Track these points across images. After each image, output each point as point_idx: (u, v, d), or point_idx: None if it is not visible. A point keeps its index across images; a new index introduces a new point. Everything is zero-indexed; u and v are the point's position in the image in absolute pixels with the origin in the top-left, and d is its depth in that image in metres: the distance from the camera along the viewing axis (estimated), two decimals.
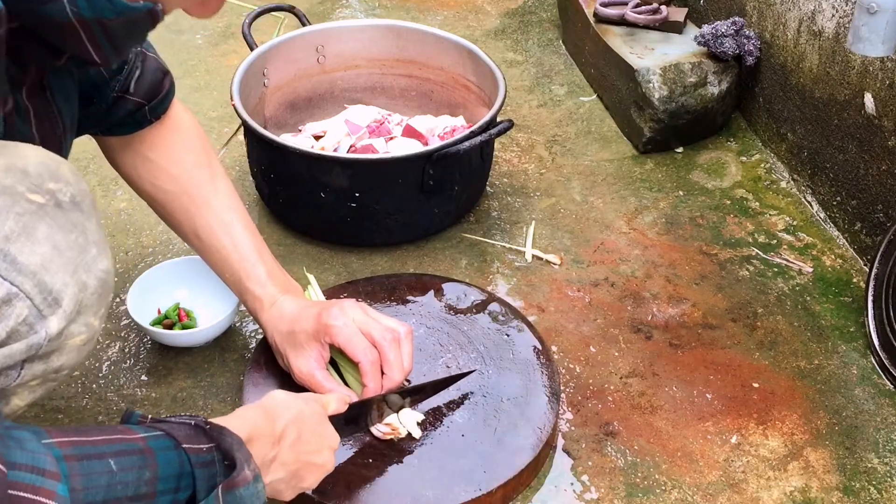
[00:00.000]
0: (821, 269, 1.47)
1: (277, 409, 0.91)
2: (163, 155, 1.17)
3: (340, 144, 1.57)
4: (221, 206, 1.18)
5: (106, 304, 0.84)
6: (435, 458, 1.09)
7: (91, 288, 0.80)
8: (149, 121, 1.14)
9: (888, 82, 1.35)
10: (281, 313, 1.14)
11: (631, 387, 1.26)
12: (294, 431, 0.90)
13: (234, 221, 1.18)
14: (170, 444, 0.75)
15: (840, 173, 1.51)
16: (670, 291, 1.42)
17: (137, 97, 1.10)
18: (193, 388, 1.24)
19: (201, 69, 1.98)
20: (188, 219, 1.18)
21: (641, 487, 1.13)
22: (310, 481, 0.93)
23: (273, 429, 0.88)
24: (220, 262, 1.18)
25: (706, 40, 1.68)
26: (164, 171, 1.17)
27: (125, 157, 1.18)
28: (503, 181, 1.66)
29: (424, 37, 1.68)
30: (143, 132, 1.16)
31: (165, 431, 0.76)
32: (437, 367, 1.20)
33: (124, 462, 0.71)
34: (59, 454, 0.67)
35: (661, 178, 1.68)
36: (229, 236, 1.17)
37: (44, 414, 1.19)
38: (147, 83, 1.11)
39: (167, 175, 1.17)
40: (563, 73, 2.00)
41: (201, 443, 0.77)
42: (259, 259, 1.17)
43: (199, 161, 1.19)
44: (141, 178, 1.19)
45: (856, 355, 1.32)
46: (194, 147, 1.20)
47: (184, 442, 0.76)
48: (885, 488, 1.14)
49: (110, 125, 1.13)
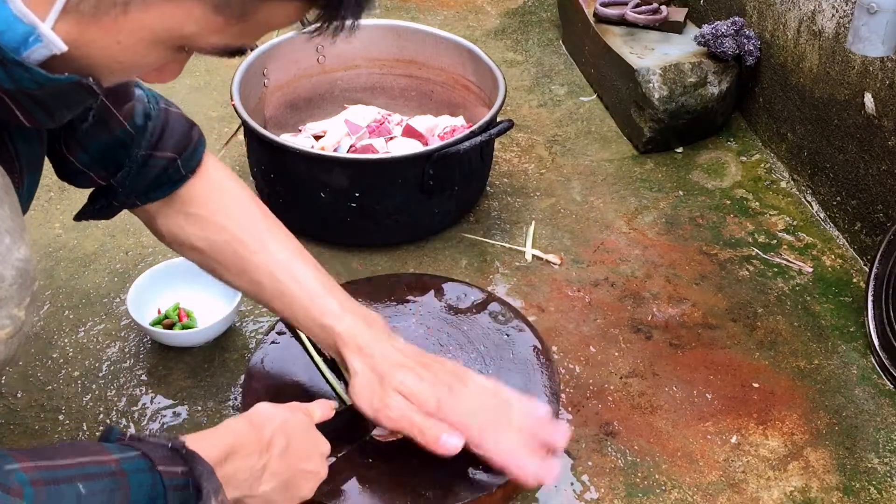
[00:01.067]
0: (821, 269, 1.47)
1: (263, 419, 0.90)
2: (206, 207, 1.10)
3: (340, 144, 1.57)
4: (277, 246, 1.10)
5: (31, 294, 0.80)
6: (435, 458, 1.09)
7: (8, 279, 0.77)
8: (184, 176, 1.07)
9: (888, 82, 1.35)
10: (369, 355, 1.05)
11: (631, 387, 1.26)
12: (282, 440, 0.89)
13: (293, 259, 1.09)
14: (145, 465, 0.74)
15: (840, 173, 1.51)
16: (670, 291, 1.42)
17: (167, 151, 1.05)
18: (193, 388, 1.24)
19: (201, 69, 1.98)
20: (243, 266, 1.09)
21: (641, 487, 1.13)
22: (306, 489, 0.93)
23: (260, 438, 0.88)
24: (287, 303, 1.08)
25: (706, 40, 1.68)
26: (211, 223, 1.09)
27: (169, 221, 1.11)
28: (503, 181, 1.66)
29: (424, 37, 1.68)
30: (182, 190, 1.08)
31: (142, 452, 0.75)
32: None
33: (94, 486, 0.70)
34: (25, 479, 0.66)
35: (661, 178, 1.68)
36: (290, 275, 1.08)
37: (44, 414, 1.20)
38: (175, 136, 1.06)
39: (214, 226, 1.09)
40: (563, 73, 2.00)
41: (176, 465, 0.76)
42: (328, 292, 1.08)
43: (247, 207, 1.12)
44: (189, 236, 1.10)
45: (856, 355, 1.32)
46: (239, 195, 1.13)
47: (159, 464, 0.75)
48: (885, 488, 1.14)
49: (146, 188, 1.06)
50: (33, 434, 1.17)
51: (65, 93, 0.75)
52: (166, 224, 1.11)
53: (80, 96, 0.77)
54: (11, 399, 1.22)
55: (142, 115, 1.03)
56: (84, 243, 1.49)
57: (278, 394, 1.16)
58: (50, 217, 1.54)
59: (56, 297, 1.38)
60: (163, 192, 1.08)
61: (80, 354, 1.29)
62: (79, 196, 1.57)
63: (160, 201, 1.09)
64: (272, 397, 1.14)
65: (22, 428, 1.18)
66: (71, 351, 1.29)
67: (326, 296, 1.07)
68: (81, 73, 0.73)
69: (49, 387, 1.24)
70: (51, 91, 0.73)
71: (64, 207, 1.56)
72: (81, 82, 0.73)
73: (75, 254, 1.46)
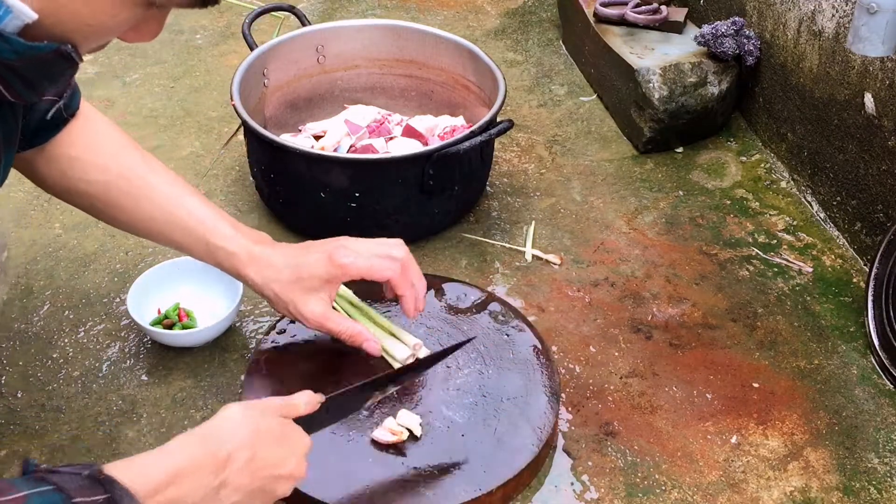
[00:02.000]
0: (821, 269, 1.47)
1: (221, 434, 0.88)
2: (86, 149, 1.12)
3: (340, 144, 1.57)
4: (162, 181, 1.15)
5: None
6: (435, 458, 1.09)
7: None
8: (65, 119, 1.09)
9: (888, 82, 1.35)
10: (271, 263, 1.14)
11: (631, 387, 1.26)
12: (245, 453, 0.88)
13: (181, 192, 1.15)
14: (58, 498, 0.72)
15: (840, 173, 1.51)
16: (670, 291, 1.42)
17: (49, 95, 1.04)
18: (193, 388, 1.24)
19: (201, 69, 1.98)
20: (132, 203, 1.14)
21: (641, 487, 1.13)
22: (280, 492, 0.92)
23: (214, 456, 0.85)
24: (180, 233, 1.15)
25: (706, 40, 1.68)
26: (92, 164, 1.12)
27: (51, 167, 1.12)
28: (503, 181, 1.66)
29: (424, 37, 1.68)
30: (61, 135, 1.10)
31: (56, 485, 0.73)
32: (438, 366, 1.20)
33: None
34: None
35: (661, 178, 1.68)
36: (182, 207, 1.14)
37: (44, 414, 1.20)
38: None
39: (96, 167, 1.13)
40: (563, 73, 2.00)
41: (96, 494, 0.74)
42: (219, 217, 1.15)
43: (124, 144, 1.15)
44: (71, 180, 1.13)
45: (856, 355, 1.32)
46: (114, 134, 1.16)
47: (76, 495, 0.73)
48: (885, 488, 1.14)
49: (31, 135, 1.07)
50: (33, 434, 1.17)
51: (45, 63, 0.75)
52: (48, 171, 1.13)
53: (59, 66, 0.77)
54: (11, 399, 1.22)
55: None
56: (84, 243, 1.49)
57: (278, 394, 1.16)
58: (50, 217, 1.54)
59: (56, 297, 1.38)
60: (44, 137, 1.09)
61: (80, 354, 1.29)
62: None
63: (39, 148, 1.10)
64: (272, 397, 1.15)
65: (22, 428, 1.18)
66: (71, 351, 1.29)
67: (218, 220, 1.15)
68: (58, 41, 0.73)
69: (49, 387, 1.24)
70: (30, 61, 0.74)
71: (64, 207, 1.56)
72: (60, 50, 0.74)
73: (75, 254, 1.46)
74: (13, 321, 1.34)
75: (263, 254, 1.14)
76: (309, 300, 1.14)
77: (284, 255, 1.15)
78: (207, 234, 1.14)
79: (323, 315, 1.14)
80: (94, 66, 1.97)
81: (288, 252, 1.15)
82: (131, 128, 1.78)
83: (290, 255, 1.15)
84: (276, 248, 1.16)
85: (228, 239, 1.14)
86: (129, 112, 1.83)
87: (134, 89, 1.90)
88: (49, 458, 1.14)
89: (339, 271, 1.13)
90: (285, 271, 1.14)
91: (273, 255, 1.14)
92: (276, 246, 1.17)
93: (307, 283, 1.13)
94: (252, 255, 1.14)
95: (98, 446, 1.16)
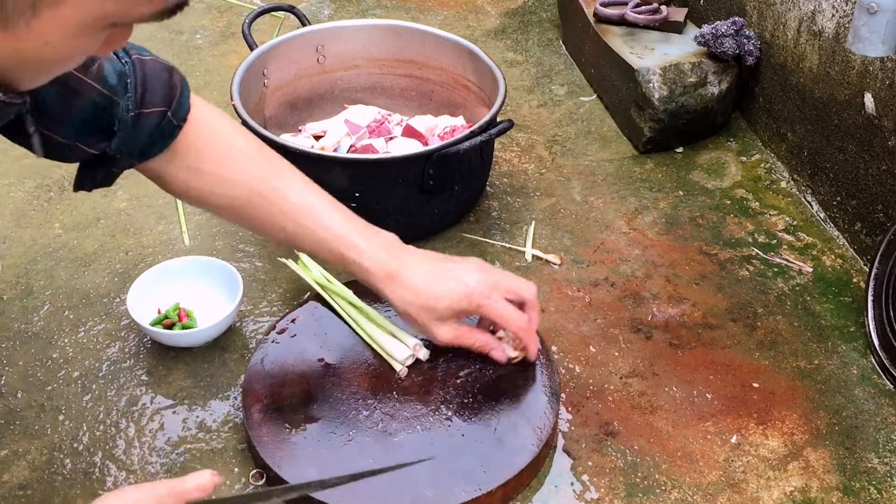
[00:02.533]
0: (821, 269, 1.47)
1: None
2: (211, 161, 1.11)
3: (340, 144, 1.57)
4: (292, 190, 1.15)
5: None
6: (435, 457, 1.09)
7: None
8: (177, 127, 1.06)
9: (888, 82, 1.35)
10: (408, 286, 1.14)
11: (631, 387, 1.26)
12: None
13: (312, 201, 1.15)
14: None
15: (840, 173, 1.51)
16: (670, 291, 1.42)
17: (155, 106, 1.03)
18: (193, 388, 1.24)
19: (201, 69, 1.98)
20: (265, 217, 1.14)
21: (641, 487, 1.13)
22: None
23: None
24: (311, 245, 1.16)
25: (706, 40, 1.68)
26: (218, 178, 1.12)
27: (176, 179, 1.11)
28: (503, 181, 1.66)
29: (424, 37, 1.68)
30: (177, 143, 1.08)
31: None
32: (437, 366, 1.20)
33: None
34: None
35: (661, 178, 1.68)
36: (312, 218, 1.15)
37: (44, 414, 1.20)
38: (159, 88, 1.03)
39: (222, 181, 1.12)
40: (563, 73, 2.00)
41: None
42: (349, 226, 1.16)
43: (250, 152, 1.15)
44: (199, 191, 1.13)
45: (856, 355, 1.32)
46: (237, 139, 1.15)
47: None
48: (885, 488, 1.14)
49: (142, 148, 1.05)
50: (33, 434, 1.17)
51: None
52: (174, 182, 1.12)
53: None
54: (11, 399, 1.22)
55: (114, 74, 0.99)
56: (84, 243, 1.49)
57: (278, 394, 1.16)
58: (50, 217, 1.54)
59: (56, 297, 1.38)
60: (158, 148, 1.07)
61: (80, 354, 1.29)
62: (79, 196, 1.58)
63: (159, 158, 1.08)
64: (272, 397, 1.15)
65: (22, 428, 1.18)
66: (71, 351, 1.29)
67: (348, 231, 1.15)
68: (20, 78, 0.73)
69: (49, 387, 1.24)
70: None
71: (64, 207, 1.56)
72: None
73: (75, 254, 1.46)
74: (13, 321, 1.34)
75: (400, 274, 1.15)
76: (441, 325, 1.16)
77: (423, 276, 1.15)
78: (340, 248, 1.15)
79: (454, 337, 1.17)
80: None
81: (426, 272, 1.16)
82: None
83: (428, 279, 1.15)
84: (412, 265, 1.16)
85: (362, 253, 1.14)
86: None
87: None
88: (49, 457, 1.14)
89: (474, 310, 1.15)
90: (421, 297, 1.14)
91: (410, 277, 1.15)
92: (411, 261, 1.16)
93: (442, 313, 1.14)
94: (388, 275, 1.15)
95: (98, 446, 1.16)
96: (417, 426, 1.13)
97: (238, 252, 1.47)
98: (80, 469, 1.13)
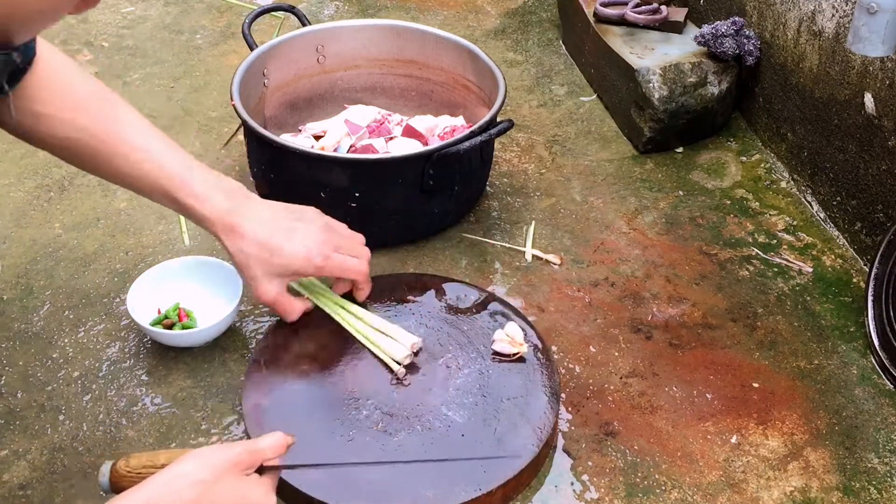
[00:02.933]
0: (821, 269, 1.47)
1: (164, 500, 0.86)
2: (51, 103, 1.10)
3: (340, 144, 1.57)
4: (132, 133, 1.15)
5: None
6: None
7: None
8: (22, 69, 1.04)
9: (888, 82, 1.35)
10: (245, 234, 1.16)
11: (631, 387, 1.26)
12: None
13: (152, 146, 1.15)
14: None
15: (840, 173, 1.51)
16: (670, 291, 1.42)
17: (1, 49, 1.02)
18: (193, 388, 1.24)
19: (201, 69, 1.98)
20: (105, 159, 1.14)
21: (641, 487, 1.13)
22: None
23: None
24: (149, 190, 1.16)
25: (706, 40, 1.68)
26: (60, 120, 1.12)
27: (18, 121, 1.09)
28: (503, 181, 1.66)
29: (424, 37, 1.68)
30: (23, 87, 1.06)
31: None
32: (437, 366, 1.20)
33: None
34: None
35: (661, 178, 1.68)
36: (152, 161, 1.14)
37: (44, 414, 1.20)
38: None
39: (63, 123, 1.12)
40: (563, 73, 2.00)
41: None
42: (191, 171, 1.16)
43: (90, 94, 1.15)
44: (41, 134, 1.12)
45: (856, 355, 1.32)
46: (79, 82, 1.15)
47: None
48: (885, 488, 1.14)
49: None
50: (34, 434, 1.17)
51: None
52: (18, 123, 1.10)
53: None
54: (11, 399, 1.22)
55: None
56: (84, 243, 1.49)
57: (278, 394, 1.16)
58: (50, 217, 1.54)
59: (56, 297, 1.38)
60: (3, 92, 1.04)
61: (80, 354, 1.29)
62: (79, 196, 1.58)
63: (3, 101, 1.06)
64: (271, 397, 1.15)
65: (22, 428, 1.18)
66: (71, 351, 1.29)
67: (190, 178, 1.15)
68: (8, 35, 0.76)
69: (49, 387, 1.24)
70: None
71: (64, 207, 1.56)
72: None
73: (75, 254, 1.46)
74: (13, 321, 1.34)
75: (242, 226, 1.16)
76: (269, 282, 1.18)
77: (265, 229, 1.17)
78: (179, 193, 1.15)
79: (273, 301, 1.20)
80: (95, 66, 1.97)
81: (268, 226, 1.17)
82: None
83: (269, 232, 1.17)
84: (253, 217, 1.17)
85: (203, 201, 1.15)
86: None
87: (134, 89, 1.90)
88: (49, 457, 1.14)
89: (312, 271, 1.18)
90: (261, 250, 1.16)
91: (251, 229, 1.16)
92: (253, 212, 1.18)
93: (275, 269, 1.17)
94: (228, 225, 1.16)
95: (98, 446, 1.16)
96: (417, 426, 1.13)
97: None
98: (80, 469, 1.13)
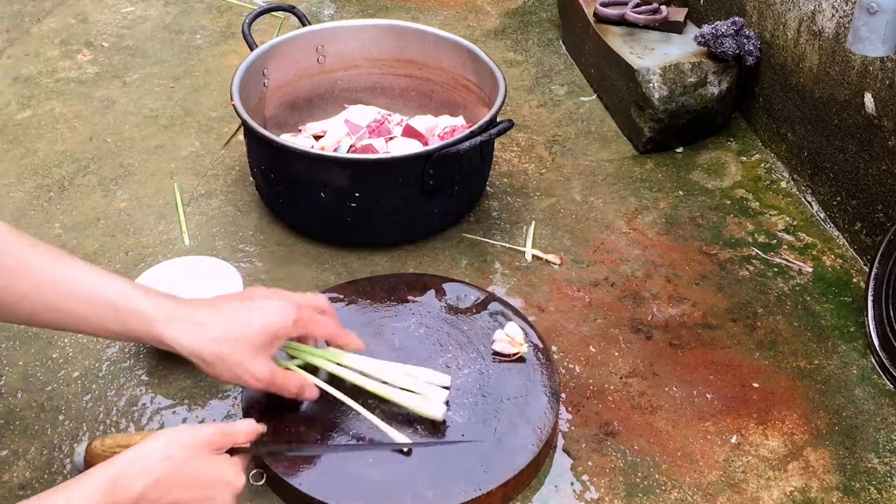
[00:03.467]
0: (821, 269, 1.47)
1: (133, 473, 0.86)
2: None
3: (340, 144, 1.57)
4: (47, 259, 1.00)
5: None
6: (435, 457, 1.09)
7: None
8: None
9: (888, 82, 1.35)
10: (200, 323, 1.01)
11: (631, 387, 1.26)
12: (154, 493, 0.87)
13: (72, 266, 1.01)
14: None
15: (840, 173, 1.51)
16: (670, 291, 1.42)
17: None
18: (193, 388, 1.24)
19: (201, 69, 1.98)
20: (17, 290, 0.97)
21: (641, 487, 1.13)
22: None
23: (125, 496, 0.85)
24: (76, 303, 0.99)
25: (706, 40, 1.68)
26: None
27: None
28: (503, 181, 1.66)
29: (424, 37, 1.68)
30: None
31: None
32: (437, 366, 1.20)
33: None
34: None
35: (661, 178, 1.68)
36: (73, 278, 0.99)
37: (44, 414, 1.20)
38: None
39: None
40: (563, 73, 2.00)
41: None
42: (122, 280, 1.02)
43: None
44: None
45: (856, 355, 1.32)
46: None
47: None
48: (885, 488, 1.14)
49: None
50: (33, 434, 1.17)
51: None
52: None
53: None
54: (11, 399, 1.22)
55: None
56: (84, 243, 1.49)
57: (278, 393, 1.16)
58: (50, 217, 1.54)
59: None
60: None
61: (80, 354, 1.29)
62: (79, 196, 1.58)
63: None
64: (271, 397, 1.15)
65: (22, 428, 1.18)
66: (71, 351, 1.29)
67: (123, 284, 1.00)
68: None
69: (49, 387, 1.24)
70: None
71: (64, 207, 1.56)
72: None
73: (75, 254, 1.45)
74: None
75: (195, 314, 1.01)
76: (255, 360, 1.02)
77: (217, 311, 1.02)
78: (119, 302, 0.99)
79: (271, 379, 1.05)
80: (94, 66, 1.97)
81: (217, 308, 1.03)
82: (131, 128, 1.78)
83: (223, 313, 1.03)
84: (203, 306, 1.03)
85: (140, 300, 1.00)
86: (129, 112, 1.83)
87: (134, 89, 1.90)
88: (49, 457, 1.14)
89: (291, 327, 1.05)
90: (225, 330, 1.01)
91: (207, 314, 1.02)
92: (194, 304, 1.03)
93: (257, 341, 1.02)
94: (178, 316, 1.00)
95: None
96: (418, 425, 1.13)
97: (238, 252, 1.47)
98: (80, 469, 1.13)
